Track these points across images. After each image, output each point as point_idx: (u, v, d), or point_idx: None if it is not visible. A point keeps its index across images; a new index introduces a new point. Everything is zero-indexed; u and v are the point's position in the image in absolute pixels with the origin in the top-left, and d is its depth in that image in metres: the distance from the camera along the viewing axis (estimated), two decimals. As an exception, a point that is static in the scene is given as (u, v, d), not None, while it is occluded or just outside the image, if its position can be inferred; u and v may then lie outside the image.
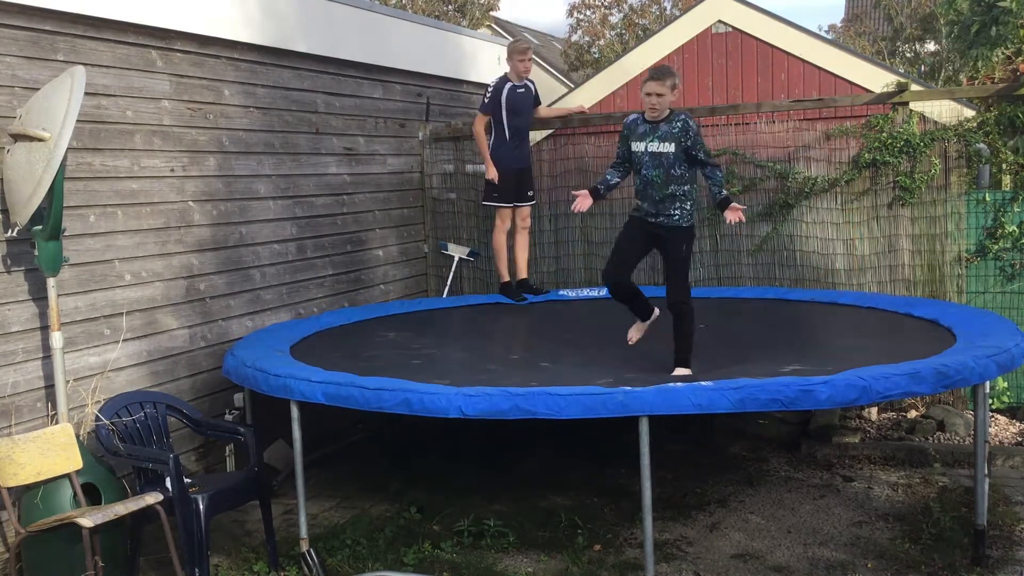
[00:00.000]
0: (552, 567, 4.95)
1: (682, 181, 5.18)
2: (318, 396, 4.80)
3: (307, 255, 7.12)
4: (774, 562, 4.90)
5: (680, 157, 5.13)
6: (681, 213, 5.21)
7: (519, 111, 7.52)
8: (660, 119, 5.17)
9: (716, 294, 7.50)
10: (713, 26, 8.84)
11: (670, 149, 5.12)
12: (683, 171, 5.17)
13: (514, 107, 7.49)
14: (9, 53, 4.94)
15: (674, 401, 4.28)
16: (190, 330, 6.06)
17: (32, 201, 4.67)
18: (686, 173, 5.18)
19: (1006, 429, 6.78)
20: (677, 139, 5.11)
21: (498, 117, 7.50)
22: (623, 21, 26.98)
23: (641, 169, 5.24)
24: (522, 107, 7.56)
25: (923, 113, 7.27)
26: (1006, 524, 5.18)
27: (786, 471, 6.28)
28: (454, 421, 4.56)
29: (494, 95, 7.46)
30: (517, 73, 7.52)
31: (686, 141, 5.11)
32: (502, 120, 7.48)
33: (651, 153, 5.17)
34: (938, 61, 19.10)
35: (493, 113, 7.49)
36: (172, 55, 5.95)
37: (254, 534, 5.55)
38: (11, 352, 4.92)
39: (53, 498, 4.61)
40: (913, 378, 4.35)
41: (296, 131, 7.01)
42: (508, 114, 7.47)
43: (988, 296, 7.12)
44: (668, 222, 5.22)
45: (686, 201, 5.21)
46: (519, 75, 7.52)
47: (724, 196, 5.22)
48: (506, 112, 7.46)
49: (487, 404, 4.41)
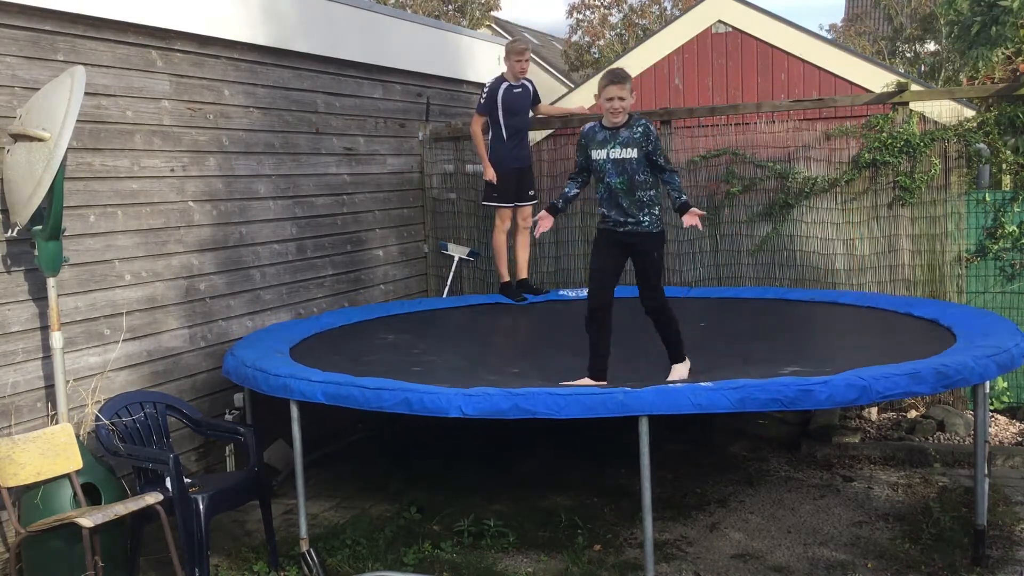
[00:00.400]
0: (552, 567, 4.95)
1: (647, 186, 5.04)
2: (318, 396, 4.80)
3: (307, 255, 7.12)
4: (774, 562, 4.90)
5: (643, 162, 5.00)
6: (651, 219, 5.06)
7: (516, 111, 7.53)
8: (620, 125, 5.03)
9: (716, 294, 7.51)
10: (713, 26, 8.85)
11: (632, 155, 4.98)
12: (647, 176, 5.03)
13: (511, 107, 7.49)
14: (9, 53, 4.94)
15: (674, 401, 4.28)
16: (190, 330, 6.06)
17: (32, 201, 4.67)
18: (650, 178, 5.05)
19: (1006, 429, 6.78)
20: (639, 144, 4.98)
21: (495, 117, 7.51)
22: (623, 21, 26.98)
23: (604, 177, 5.08)
24: (519, 107, 7.56)
25: (923, 113, 7.27)
26: (1006, 524, 5.18)
27: (786, 471, 6.28)
28: (454, 421, 4.56)
29: (490, 96, 7.48)
30: (514, 73, 7.52)
31: (647, 146, 4.98)
32: (499, 120, 7.49)
33: (613, 160, 5.02)
34: (938, 61, 19.10)
35: (490, 114, 7.51)
36: (172, 55, 5.95)
37: (254, 534, 5.55)
38: (11, 352, 4.92)
39: (53, 498, 4.61)
40: (913, 378, 4.35)
41: (296, 131, 7.01)
42: (505, 114, 7.47)
43: (988, 296, 7.12)
44: (638, 229, 5.07)
45: (654, 206, 5.08)
46: (516, 75, 7.53)
47: (683, 201, 5.06)
48: (503, 112, 7.47)
49: (487, 404, 4.41)
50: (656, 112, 7.96)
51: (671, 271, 7.90)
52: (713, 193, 7.79)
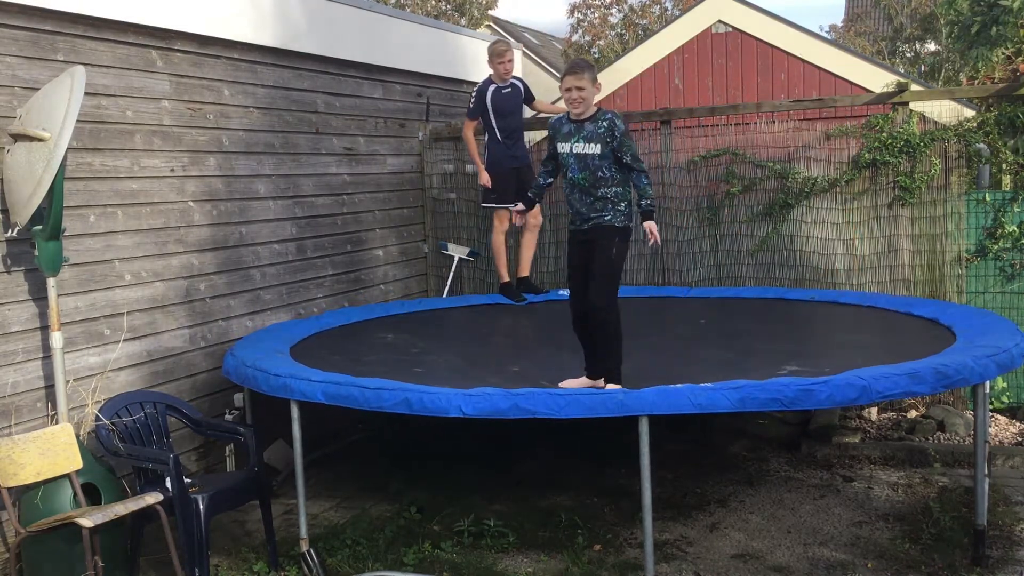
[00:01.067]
0: (552, 567, 4.95)
1: (612, 183, 4.82)
2: (318, 396, 4.81)
3: (307, 255, 7.12)
4: (774, 562, 4.90)
5: (608, 158, 4.78)
6: (614, 214, 4.83)
7: (507, 112, 7.54)
8: (585, 117, 4.83)
9: (716, 294, 7.51)
10: (713, 26, 8.86)
11: (595, 151, 4.78)
12: (612, 173, 4.81)
13: (501, 108, 7.51)
14: (9, 53, 4.94)
15: (674, 401, 4.28)
16: (190, 330, 6.06)
17: (32, 201, 4.67)
18: (617, 175, 4.82)
19: (1006, 429, 6.78)
20: (603, 139, 4.76)
21: (487, 120, 7.53)
22: (623, 21, 26.99)
23: (567, 172, 4.90)
24: (510, 107, 7.58)
25: (923, 113, 7.27)
26: (1006, 524, 5.18)
27: (786, 471, 6.28)
28: (454, 421, 4.56)
29: (478, 99, 7.50)
30: (499, 75, 7.54)
31: (612, 142, 4.76)
32: (491, 122, 7.51)
33: (576, 155, 4.83)
34: (938, 61, 19.10)
35: (482, 117, 7.54)
36: (172, 55, 5.95)
37: (254, 534, 5.55)
38: (11, 352, 4.92)
39: (53, 498, 4.61)
40: (913, 378, 4.35)
41: (296, 131, 7.01)
42: (496, 116, 7.49)
43: (988, 296, 7.12)
44: (600, 222, 4.84)
45: (619, 202, 4.84)
46: (501, 76, 7.54)
47: (646, 207, 4.84)
48: (493, 114, 7.49)
49: (487, 404, 4.41)
50: (656, 112, 7.96)
51: (671, 271, 7.90)
52: (713, 193, 7.79)
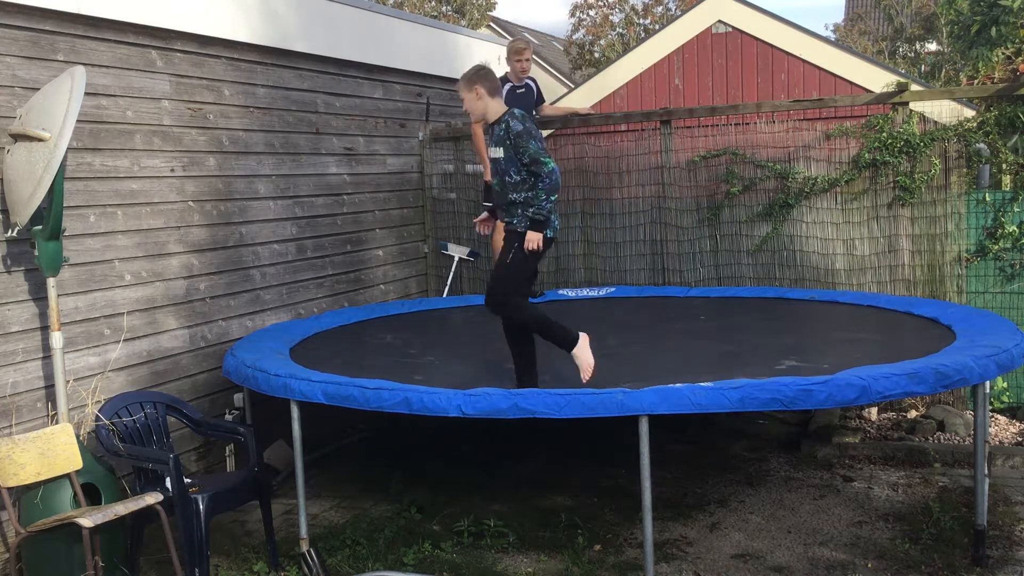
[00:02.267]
0: (552, 567, 4.95)
1: (522, 188, 4.76)
2: (318, 396, 4.81)
3: (307, 255, 7.12)
4: (774, 562, 4.90)
5: (513, 162, 4.73)
6: (520, 218, 4.82)
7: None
8: (492, 122, 4.82)
9: (716, 294, 7.51)
10: (713, 26, 8.85)
11: (499, 154, 4.76)
12: (522, 177, 4.75)
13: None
14: (9, 53, 4.94)
15: (674, 401, 4.28)
16: (190, 330, 6.06)
17: (32, 201, 4.68)
18: (528, 180, 4.76)
19: (1006, 429, 6.78)
20: (503, 142, 4.74)
21: None
22: (624, 21, 26.98)
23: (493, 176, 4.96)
24: (522, 108, 7.54)
25: (923, 113, 7.27)
26: (1006, 524, 5.18)
27: (786, 471, 6.28)
28: (454, 421, 4.56)
29: None
30: (515, 73, 7.51)
31: (511, 145, 4.72)
32: None
33: (492, 159, 4.86)
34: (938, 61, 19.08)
35: None
36: (172, 55, 5.95)
37: (254, 534, 5.55)
38: (11, 352, 4.93)
39: (53, 498, 4.61)
40: (912, 378, 4.35)
41: (296, 131, 7.01)
42: None
43: (988, 296, 7.12)
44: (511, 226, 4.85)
45: (528, 207, 4.77)
46: (518, 75, 7.52)
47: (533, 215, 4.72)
48: None
49: (487, 403, 4.41)
50: (656, 112, 7.96)
51: (671, 271, 7.91)
52: (713, 193, 7.79)
